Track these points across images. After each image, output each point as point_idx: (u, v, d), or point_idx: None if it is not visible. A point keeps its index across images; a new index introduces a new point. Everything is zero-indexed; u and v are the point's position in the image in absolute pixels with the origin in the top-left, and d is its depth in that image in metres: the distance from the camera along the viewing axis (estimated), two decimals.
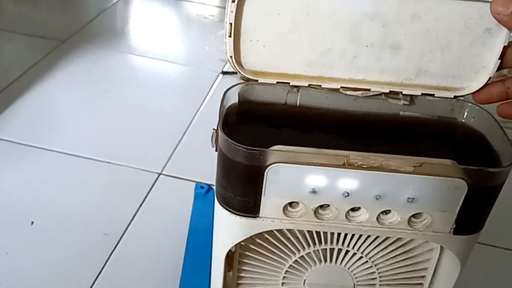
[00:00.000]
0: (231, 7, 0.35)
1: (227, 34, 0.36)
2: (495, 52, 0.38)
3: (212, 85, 0.94)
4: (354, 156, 0.35)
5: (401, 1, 0.36)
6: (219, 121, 0.37)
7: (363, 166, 0.35)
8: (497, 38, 0.37)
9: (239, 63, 0.38)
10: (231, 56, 0.38)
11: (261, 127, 0.42)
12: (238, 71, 0.39)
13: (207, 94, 0.92)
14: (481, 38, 0.37)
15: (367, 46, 0.37)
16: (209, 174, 0.72)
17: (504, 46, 0.37)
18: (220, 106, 0.39)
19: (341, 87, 0.40)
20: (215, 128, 0.38)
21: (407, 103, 0.41)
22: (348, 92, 0.40)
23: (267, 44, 0.37)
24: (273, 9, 0.35)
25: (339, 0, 0.35)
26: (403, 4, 0.36)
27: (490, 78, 0.39)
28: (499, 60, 0.38)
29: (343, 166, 0.35)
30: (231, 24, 0.36)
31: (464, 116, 0.42)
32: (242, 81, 0.40)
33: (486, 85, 0.39)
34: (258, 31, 0.37)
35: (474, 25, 0.37)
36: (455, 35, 0.37)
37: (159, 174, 0.73)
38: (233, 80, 0.40)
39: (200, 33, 1.15)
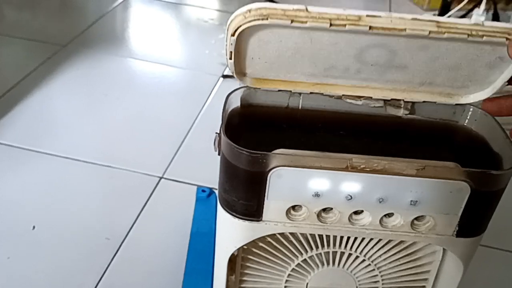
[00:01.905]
0: (231, 40, 0.34)
1: (228, 57, 0.36)
2: (504, 75, 0.37)
3: (213, 89, 0.94)
4: (357, 159, 0.35)
5: (408, 39, 0.34)
6: (221, 125, 0.37)
7: (366, 169, 0.35)
8: (509, 64, 0.36)
9: (241, 73, 0.38)
10: (233, 71, 0.37)
11: (263, 130, 0.42)
12: (241, 81, 0.39)
13: (208, 97, 0.92)
14: (492, 63, 0.36)
15: (372, 65, 0.37)
16: (211, 178, 0.73)
17: None
18: (223, 110, 0.39)
19: (343, 95, 0.40)
20: (218, 132, 0.38)
21: (407, 112, 0.41)
22: (349, 100, 0.40)
23: (269, 61, 0.37)
24: (275, 37, 0.35)
25: (343, 34, 0.34)
26: (410, 40, 0.35)
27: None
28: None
29: (346, 169, 0.35)
30: (231, 51, 0.35)
31: (466, 119, 0.42)
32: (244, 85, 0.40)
33: (497, 97, 0.38)
34: (259, 53, 0.36)
35: (485, 54, 0.36)
36: (465, 60, 0.36)
37: (161, 178, 0.73)
38: (233, 83, 0.40)
39: (200, 36, 1.16)
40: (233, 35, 0.33)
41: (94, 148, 0.77)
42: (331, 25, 0.33)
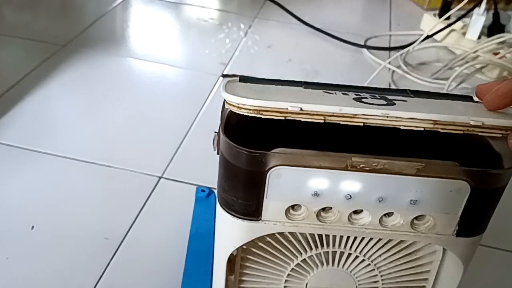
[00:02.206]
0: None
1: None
2: None
3: (212, 88, 0.94)
4: (357, 158, 0.34)
5: None
6: (220, 124, 0.37)
7: (366, 168, 0.34)
8: None
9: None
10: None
11: (262, 130, 0.42)
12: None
13: (207, 97, 0.92)
14: None
15: None
16: (210, 178, 0.72)
17: None
18: (222, 109, 0.38)
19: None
20: (217, 131, 0.38)
21: None
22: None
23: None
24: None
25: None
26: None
27: None
28: None
29: (345, 168, 0.35)
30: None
31: None
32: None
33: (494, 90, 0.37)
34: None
35: None
36: None
37: (160, 177, 0.73)
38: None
39: (200, 36, 1.16)
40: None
41: (93, 147, 0.77)
42: (325, 120, 0.34)
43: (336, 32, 1.17)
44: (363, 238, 0.40)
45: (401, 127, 0.34)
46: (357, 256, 0.41)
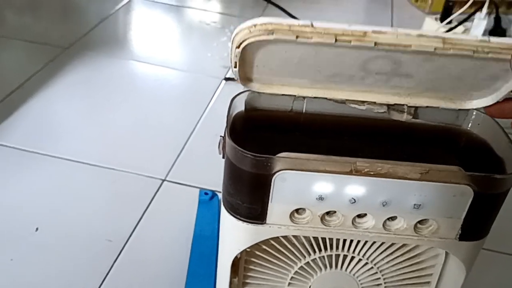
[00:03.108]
0: (236, 52, 0.34)
1: (233, 66, 0.36)
2: (509, 84, 0.37)
3: (215, 92, 0.95)
4: (361, 163, 0.35)
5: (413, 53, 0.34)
6: (226, 128, 0.38)
7: (370, 172, 0.35)
8: None
9: (245, 79, 0.38)
10: (237, 78, 0.38)
11: (267, 134, 0.43)
12: (245, 86, 0.39)
13: (210, 100, 0.92)
14: (496, 74, 0.36)
15: (376, 73, 0.37)
16: (213, 180, 0.73)
17: None
18: (227, 114, 0.39)
19: (346, 99, 0.40)
20: (222, 135, 0.38)
21: (410, 117, 0.41)
22: (353, 105, 0.40)
23: (274, 69, 0.37)
24: (280, 49, 0.35)
25: (347, 50, 0.34)
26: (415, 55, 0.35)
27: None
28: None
29: (350, 173, 0.35)
30: (236, 61, 0.35)
31: (469, 123, 0.42)
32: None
33: (499, 102, 0.38)
34: (264, 62, 0.36)
35: (490, 67, 0.36)
36: (469, 72, 0.36)
37: (163, 180, 0.73)
38: (236, 86, 0.40)
39: (202, 39, 1.16)
40: (238, 47, 0.34)
41: (97, 150, 0.77)
42: (336, 40, 0.33)
43: None
44: (366, 242, 0.40)
45: (412, 47, 0.33)
46: (360, 259, 0.42)
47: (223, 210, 0.40)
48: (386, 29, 0.33)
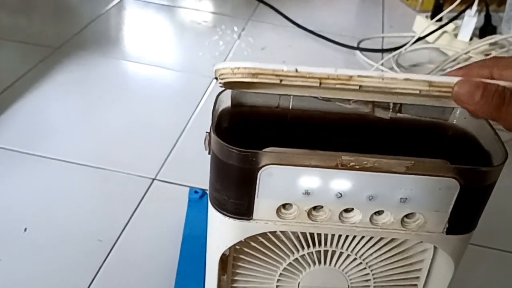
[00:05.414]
0: (218, 83, 0.35)
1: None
2: None
3: (206, 91, 0.94)
4: (347, 157, 0.35)
5: None
6: (212, 123, 0.37)
7: (356, 166, 0.35)
8: None
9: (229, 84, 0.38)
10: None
11: (254, 130, 0.42)
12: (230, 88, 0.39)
13: (201, 99, 0.92)
14: None
15: None
16: (203, 179, 0.72)
17: None
18: (213, 109, 0.39)
19: (332, 98, 0.40)
20: (208, 131, 0.38)
21: (395, 114, 0.41)
22: (339, 104, 0.40)
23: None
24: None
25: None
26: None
27: None
28: None
29: (336, 167, 0.35)
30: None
31: (456, 117, 0.42)
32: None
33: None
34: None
35: None
36: None
37: (153, 179, 0.73)
38: None
39: (194, 39, 1.16)
40: (220, 82, 0.34)
41: (87, 150, 0.77)
42: (320, 84, 0.33)
43: (329, 34, 1.18)
44: (354, 237, 0.40)
45: (397, 90, 0.33)
46: (348, 255, 0.41)
47: (210, 206, 0.39)
48: (372, 74, 0.33)
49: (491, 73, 0.33)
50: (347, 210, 0.37)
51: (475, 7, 1.08)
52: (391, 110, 0.41)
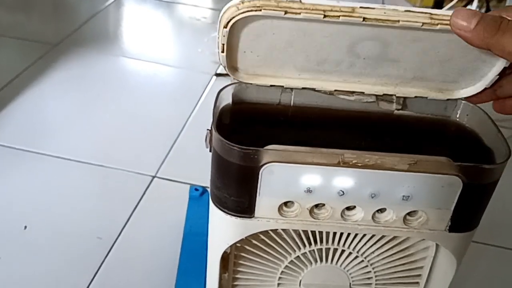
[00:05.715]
0: (223, 32, 0.34)
1: (220, 51, 0.35)
2: (496, 68, 0.36)
3: (206, 87, 0.94)
4: (349, 154, 0.34)
5: (401, 31, 0.34)
6: (213, 121, 0.37)
7: (358, 164, 0.34)
8: (499, 58, 0.35)
9: (232, 68, 0.38)
10: (224, 65, 0.37)
11: (255, 127, 0.42)
12: (232, 76, 0.38)
13: (201, 96, 0.92)
14: (483, 56, 0.36)
15: (364, 58, 0.37)
16: (204, 177, 0.72)
17: (504, 67, 0.36)
18: (214, 107, 0.38)
19: (335, 90, 0.39)
20: (209, 128, 0.38)
21: (399, 107, 0.41)
22: (342, 96, 0.40)
23: (261, 55, 0.37)
24: (267, 30, 0.34)
25: (337, 26, 0.34)
26: (403, 32, 0.34)
27: (486, 88, 0.38)
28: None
29: (338, 164, 0.35)
30: (223, 44, 0.35)
31: (458, 114, 0.42)
32: (236, 81, 0.40)
33: (500, 98, 0.38)
34: (251, 46, 0.36)
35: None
36: (457, 53, 0.36)
37: (153, 177, 0.73)
38: (226, 81, 0.40)
39: (193, 35, 1.15)
40: (225, 27, 0.33)
41: (87, 147, 0.77)
42: (324, 16, 0.32)
43: None
44: (356, 235, 0.40)
45: (400, 22, 0.33)
46: (350, 253, 0.41)
47: (211, 204, 0.39)
48: (374, 5, 0.33)
49: (499, 13, 0.33)
50: (349, 208, 0.37)
51: (475, 3, 1.08)
52: (395, 102, 0.40)
